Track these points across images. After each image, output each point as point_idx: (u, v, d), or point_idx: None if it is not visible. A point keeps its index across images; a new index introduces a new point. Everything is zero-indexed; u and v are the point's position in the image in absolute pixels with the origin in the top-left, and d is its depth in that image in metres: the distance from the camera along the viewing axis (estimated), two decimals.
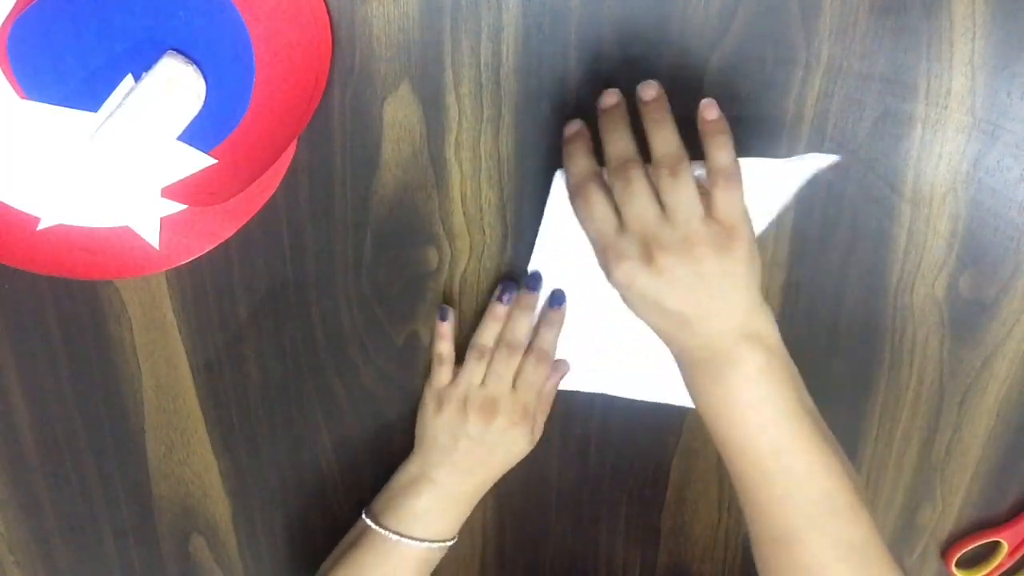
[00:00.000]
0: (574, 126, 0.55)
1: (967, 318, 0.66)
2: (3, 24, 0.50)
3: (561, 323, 0.64)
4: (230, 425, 0.69)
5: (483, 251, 0.63)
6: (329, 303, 0.64)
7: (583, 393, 0.68)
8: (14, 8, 0.50)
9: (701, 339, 0.51)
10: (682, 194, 0.49)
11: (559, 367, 0.66)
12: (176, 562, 0.75)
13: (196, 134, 0.54)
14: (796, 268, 0.64)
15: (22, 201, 0.57)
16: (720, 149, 0.50)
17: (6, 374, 0.66)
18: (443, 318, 0.64)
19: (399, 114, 0.58)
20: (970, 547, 0.75)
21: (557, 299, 0.63)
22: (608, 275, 0.52)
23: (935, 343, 0.67)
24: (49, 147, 0.54)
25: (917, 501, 0.74)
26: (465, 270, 0.64)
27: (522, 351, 0.64)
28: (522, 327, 0.63)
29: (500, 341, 0.64)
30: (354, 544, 0.65)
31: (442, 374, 0.65)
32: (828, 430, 0.53)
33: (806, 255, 0.64)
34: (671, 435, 0.71)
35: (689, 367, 0.53)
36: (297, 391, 0.68)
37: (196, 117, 0.54)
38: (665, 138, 0.50)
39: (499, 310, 0.63)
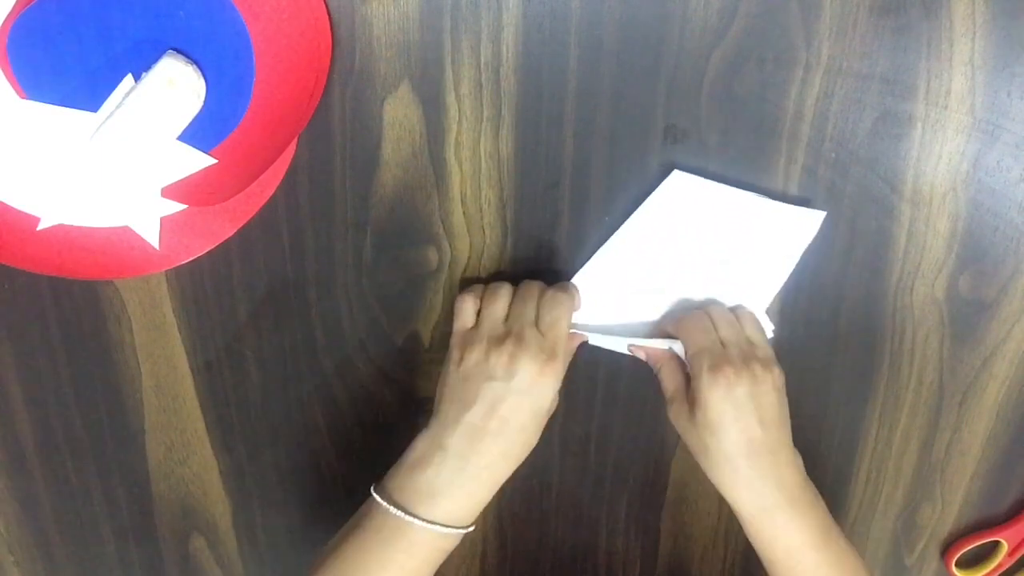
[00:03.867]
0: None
1: (967, 318, 0.66)
2: (3, 24, 0.50)
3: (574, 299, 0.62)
4: (230, 425, 0.69)
5: (483, 251, 0.63)
6: (329, 303, 0.64)
7: (583, 393, 0.68)
8: (14, 8, 0.50)
9: (776, 472, 0.58)
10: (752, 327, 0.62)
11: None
12: (176, 562, 0.75)
13: (196, 134, 0.54)
14: (796, 268, 0.64)
15: (22, 201, 0.57)
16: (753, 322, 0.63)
17: (6, 374, 0.66)
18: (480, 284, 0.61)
19: (399, 114, 0.58)
20: (970, 547, 0.75)
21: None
22: (711, 378, 0.57)
23: (935, 343, 0.67)
24: (49, 147, 0.54)
25: (917, 501, 0.74)
26: (465, 270, 0.64)
27: (538, 290, 0.60)
28: (535, 284, 0.61)
29: (518, 287, 0.61)
30: (358, 523, 0.57)
31: (465, 314, 0.60)
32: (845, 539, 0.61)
33: (806, 255, 0.64)
34: (671, 435, 0.71)
35: (766, 513, 0.58)
36: (297, 391, 0.68)
37: (196, 117, 0.54)
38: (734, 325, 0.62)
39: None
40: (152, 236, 0.59)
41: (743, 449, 0.57)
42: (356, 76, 0.57)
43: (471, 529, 0.58)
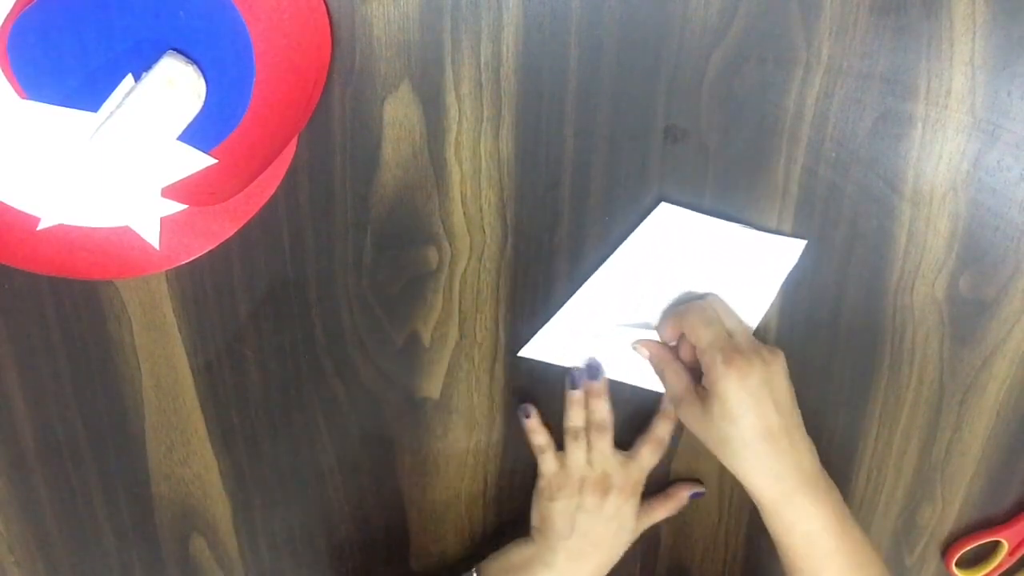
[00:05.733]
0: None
1: (967, 318, 0.66)
2: (3, 24, 0.50)
3: (606, 392, 0.67)
4: (230, 425, 0.69)
5: (483, 251, 0.63)
6: (329, 303, 0.64)
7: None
8: (14, 8, 0.50)
9: (794, 456, 0.58)
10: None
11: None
12: (176, 562, 0.75)
13: (196, 134, 0.54)
14: (796, 269, 0.64)
15: (22, 201, 0.57)
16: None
17: (6, 374, 0.66)
18: (527, 415, 0.68)
19: (399, 114, 0.58)
20: (970, 547, 0.75)
21: (593, 373, 0.67)
22: (725, 370, 0.57)
23: (935, 343, 0.67)
24: (49, 147, 0.54)
25: (917, 501, 0.74)
26: (465, 270, 0.64)
27: (611, 428, 0.67)
28: (603, 409, 0.67)
29: (589, 424, 0.67)
30: None
31: (548, 462, 0.68)
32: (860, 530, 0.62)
33: (806, 256, 0.64)
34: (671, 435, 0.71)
35: (786, 498, 0.59)
36: (297, 391, 0.68)
37: (196, 117, 0.54)
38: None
39: (575, 396, 0.67)
40: (152, 236, 0.59)
41: (762, 433, 0.58)
42: (356, 76, 0.57)
43: None
